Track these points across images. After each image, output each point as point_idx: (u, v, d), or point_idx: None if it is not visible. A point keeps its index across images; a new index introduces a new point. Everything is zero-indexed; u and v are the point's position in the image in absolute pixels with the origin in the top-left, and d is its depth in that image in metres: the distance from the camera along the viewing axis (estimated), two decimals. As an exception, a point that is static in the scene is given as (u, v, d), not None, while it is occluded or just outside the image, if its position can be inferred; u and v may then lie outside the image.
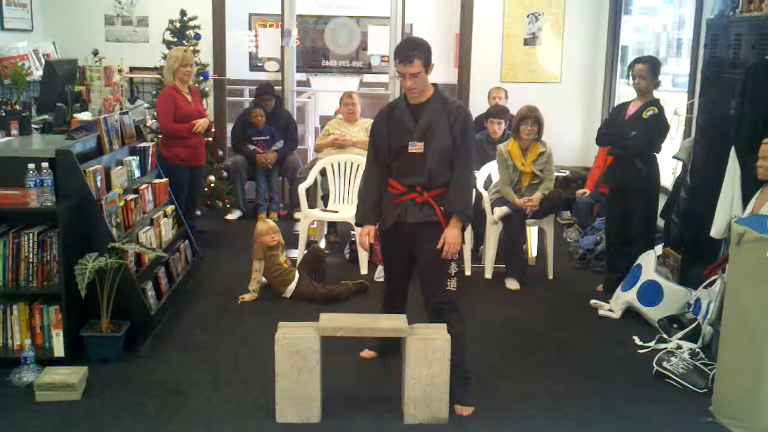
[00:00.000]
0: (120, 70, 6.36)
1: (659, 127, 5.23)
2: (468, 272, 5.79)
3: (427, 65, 3.72)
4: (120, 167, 4.82)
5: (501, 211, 5.69)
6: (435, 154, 3.75)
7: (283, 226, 5.77)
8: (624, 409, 3.84)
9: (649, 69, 5.21)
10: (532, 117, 5.65)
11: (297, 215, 7.07)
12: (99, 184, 4.41)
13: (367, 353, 4.34)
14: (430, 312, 3.87)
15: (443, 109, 3.79)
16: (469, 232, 5.59)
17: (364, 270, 5.81)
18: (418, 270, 3.93)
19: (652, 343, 4.58)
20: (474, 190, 3.92)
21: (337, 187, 6.41)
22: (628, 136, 5.22)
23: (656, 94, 5.32)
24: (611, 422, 3.72)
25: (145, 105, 7.31)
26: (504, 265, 5.79)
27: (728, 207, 4.47)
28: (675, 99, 6.44)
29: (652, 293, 4.92)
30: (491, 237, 5.80)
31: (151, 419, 3.63)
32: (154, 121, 6.95)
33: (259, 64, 9.55)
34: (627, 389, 4.06)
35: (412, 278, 4.07)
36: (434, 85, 3.86)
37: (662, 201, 5.65)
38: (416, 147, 3.76)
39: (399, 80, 7.75)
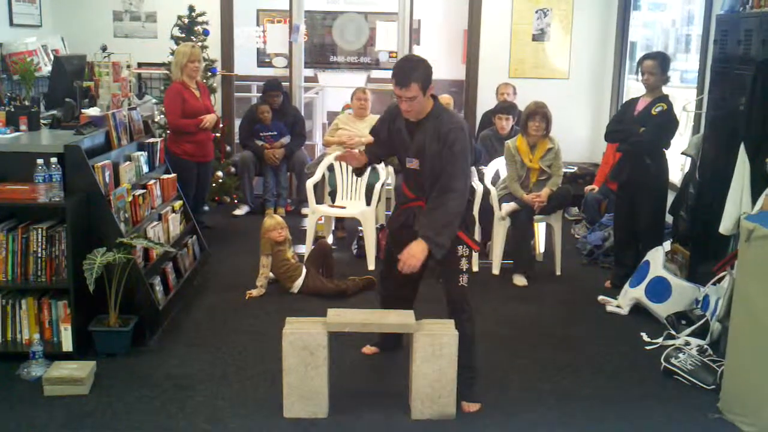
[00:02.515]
0: (128, 66, 6.36)
1: (668, 123, 5.21)
2: (475, 268, 5.79)
3: (426, 88, 3.56)
4: (128, 162, 4.83)
5: (509, 207, 5.68)
6: (429, 174, 3.71)
7: (290, 222, 5.78)
8: (631, 406, 3.83)
9: (658, 65, 5.19)
10: (540, 113, 5.64)
11: (304, 211, 7.08)
12: (107, 179, 4.42)
13: (368, 349, 4.35)
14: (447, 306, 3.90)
15: (436, 132, 3.64)
16: (477, 228, 5.57)
17: (371, 266, 5.81)
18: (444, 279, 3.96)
19: (660, 340, 4.57)
20: (456, 221, 3.67)
21: (344, 182, 6.41)
22: (637, 132, 5.20)
23: (665, 89, 5.30)
24: (619, 419, 3.71)
25: (153, 101, 7.32)
26: (511, 261, 5.78)
27: (737, 203, 4.45)
28: (683, 95, 6.41)
29: (660, 289, 4.91)
30: (499, 233, 5.80)
31: (158, 414, 3.65)
32: (162, 116, 6.96)
33: (267, 60, 9.56)
34: (634, 386, 4.06)
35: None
36: (434, 98, 3.72)
37: (671, 197, 5.63)
38: (412, 163, 3.78)
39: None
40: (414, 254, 3.61)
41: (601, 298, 5.27)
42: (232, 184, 7.56)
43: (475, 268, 5.78)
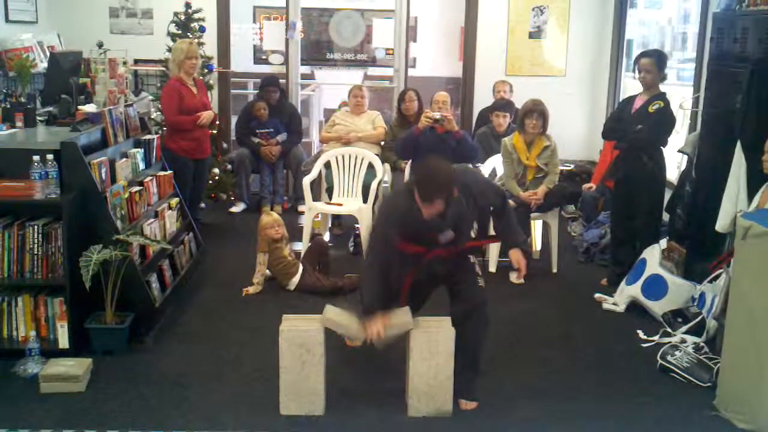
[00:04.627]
0: (125, 63, 6.36)
1: (665, 120, 5.21)
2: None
3: (449, 199, 3.52)
4: (125, 159, 4.82)
5: (505, 204, 5.67)
6: (467, 233, 3.86)
7: (287, 219, 5.78)
8: (627, 403, 3.84)
9: (655, 63, 5.19)
10: (537, 111, 5.64)
11: (301, 208, 7.07)
12: (104, 176, 4.41)
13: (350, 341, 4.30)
14: (463, 314, 3.78)
15: (462, 194, 3.67)
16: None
17: (368, 263, 5.80)
18: (452, 286, 3.88)
19: (656, 337, 4.58)
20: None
21: (341, 179, 6.41)
22: (635, 129, 5.20)
23: (662, 87, 5.30)
24: (615, 416, 3.71)
25: (150, 97, 7.32)
26: (508, 259, 5.77)
27: (734, 201, 4.46)
28: (680, 92, 6.41)
29: (656, 287, 4.92)
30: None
31: (155, 411, 3.64)
32: (158, 113, 6.95)
33: (264, 57, 9.54)
34: (631, 383, 4.06)
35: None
36: None
37: (667, 195, 5.63)
38: (448, 236, 3.69)
39: (403, 73, 7.62)
40: (521, 259, 3.95)
41: (597, 295, 5.28)
42: (228, 182, 7.55)
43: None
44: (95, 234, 4.23)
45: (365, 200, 6.12)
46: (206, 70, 7.38)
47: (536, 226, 6.17)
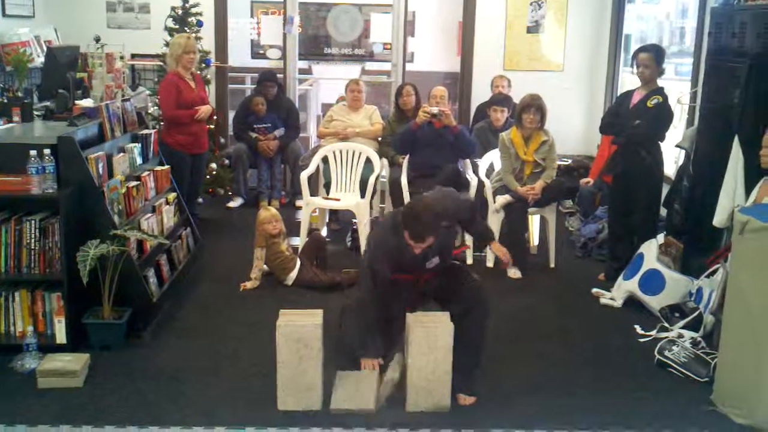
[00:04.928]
0: (122, 57, 6.34)
1: (664, 115, 5.21)
2: (470, 261, 5.80)
3: (439, 234, 3.66)
4: (122, 154, 4.81)
5: (503, 199, 5.68)
6: (451, 251, 3.99)
7: (284, 214, 5.77)
8: (625, 398, 3.84)
9: (653, 58, 5.18)
10: (535, 105, 5.63)
11: (299, 203, 7.07)
12: (101, 171, 4.40)
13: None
14: (463, 312, 3.81)
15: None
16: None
17: (365, 258, 5.80)
18: (446, 296, 3.94)
19: (653, 332, 4.58)
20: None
21: (339, 174, 6.40)
22: (633, 124, 5.20)
23: (660, 82, 5.30)
24: (612, 411, 3.71)
25: (147, 92, 7.30)
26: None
27: (731, 196, 4.47)
28: (678, 87, 6.41)
29: (653, 282, 4.92)
30: (493, 225, 5.78)
31: (152, 406, 3.64)
32: (155, 108, 6.94)
33: (261, 52, 9.54)
34: (628, 378, 4.07)
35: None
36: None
37: (665, 190, 5.63)
38: (434, 263, 3.82)
39: (401, 68, 7.60)
40: (503, 249, 4.21)
41: (594, 290, 5.28)
42: (226, 176, 7.55)
43: (470, 261, 5.80)
44: (92, 229, 4.22)
45: (363, 195, 6.11)
46: (204, 65, 7.37)
47: (534, 221, 6.18)
